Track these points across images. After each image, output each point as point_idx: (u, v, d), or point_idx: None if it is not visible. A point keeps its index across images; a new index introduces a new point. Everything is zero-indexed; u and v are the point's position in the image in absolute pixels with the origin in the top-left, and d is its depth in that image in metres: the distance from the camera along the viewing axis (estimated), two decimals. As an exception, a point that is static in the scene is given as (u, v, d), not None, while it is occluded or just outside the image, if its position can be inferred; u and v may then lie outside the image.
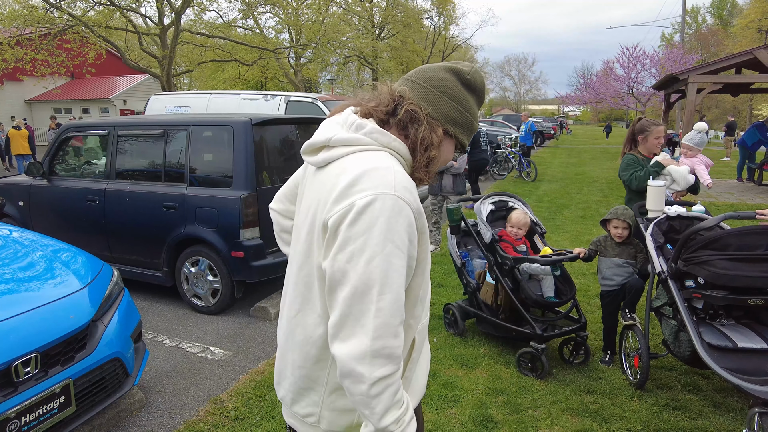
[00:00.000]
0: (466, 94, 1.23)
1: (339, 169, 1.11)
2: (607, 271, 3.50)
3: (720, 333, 2.72)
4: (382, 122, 1.19)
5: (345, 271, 1.02)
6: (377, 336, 1.00)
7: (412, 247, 1.06)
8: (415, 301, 1.18)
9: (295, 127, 5.07)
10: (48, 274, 2.76)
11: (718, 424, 2.86)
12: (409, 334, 1.19)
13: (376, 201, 1.01)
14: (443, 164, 1.24)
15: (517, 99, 77.15)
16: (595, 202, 9.87)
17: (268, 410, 3.04)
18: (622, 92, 25.33)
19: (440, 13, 36.59)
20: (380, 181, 1.04)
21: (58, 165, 5.35)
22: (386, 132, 1.17)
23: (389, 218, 1.01)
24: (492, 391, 3.21)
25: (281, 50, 24.58)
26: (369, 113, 1.20)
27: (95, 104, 26.73)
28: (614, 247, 3.51)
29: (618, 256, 3.48)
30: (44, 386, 2.30)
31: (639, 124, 3.99)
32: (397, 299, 1.02)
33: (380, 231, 1.00)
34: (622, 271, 3.46)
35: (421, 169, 1.17)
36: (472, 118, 1.24)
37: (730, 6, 56.24)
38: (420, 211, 1.09)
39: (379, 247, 1.00)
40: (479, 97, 1.26)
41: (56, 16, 16.62)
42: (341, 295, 1.02)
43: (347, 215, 1.02)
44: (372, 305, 1.00)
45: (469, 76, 1.23)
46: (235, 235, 4.27)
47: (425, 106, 1.18)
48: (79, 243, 4.57)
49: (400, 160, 1.17)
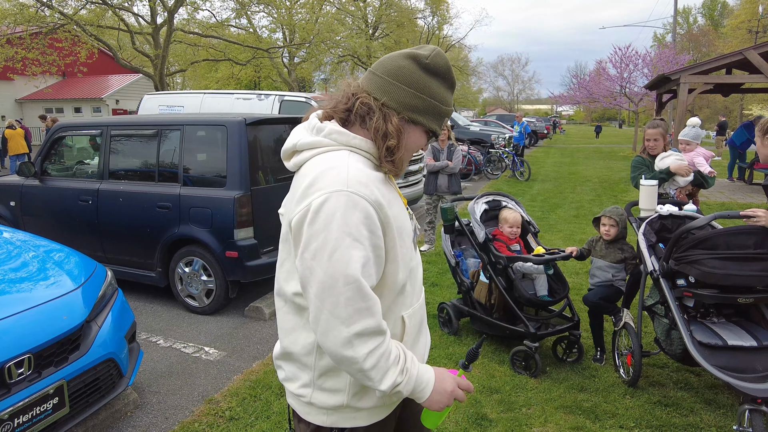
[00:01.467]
0: (428, 78, 1.20)
1: (304, 172, 1.18)
2: (592, 270, 3.61)
3: (710, 331, 2.75)
4: (343, 121, 1.22)
5: (312, 268, 1.09)
6: (352, 322, 1.08)
7: (374, 237, 1.11)
8: (394, 288, 1.21)
9: (289, 126, 5.06)
10: (41, 275, 2.75)
11: (708, 420, 2.89)
12: (395, 318, 1.25)
13: (330, 199, 1.07)
14: (409, 154, 1.24)
15: (511, 99, 77.32)
16: (588, 201, 9.92)
17: (263, 410, 3.05)
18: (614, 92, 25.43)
19: (434, 13, 36.63)
20: (333, 180, 1.09)
21: (50, 165, 5.32)
22: (344, 131, 1.20)
23: (344, 213, 1.07)
24: (486, 390, 3.23)
25: (275, 50, 24.56)
26: (329, 115, 1.24)
27: (87, 104, 26.52)
28: (603, 247, 3.56)
29: (603, 257, 3.53)
30: (38, 387, 2.29)
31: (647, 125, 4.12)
32: (362, 286, 1.08)
33: (337, 226, 1.06)
34: (600, 274, 3.54)
35: (385, 161, 1.19)
36: (437, 103, 1.21)
37: (721, 7, 56.71)
38: (380, 203, 1.12)
39: (339, 242, 1.06)
40: (445, 80, 1.23)
41: (47, 14, 16.49)
42: (312, 292, 1.10)
43: (306, 215, 1.10)
44: (341, 297, 1.07)
45: (428, 60, 1.19)
46: (229, 235, 4.26)
47: (380, 96, 1.19)
48: (72, 243, 4.54)
49: (364, 156, 1.20)
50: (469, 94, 55.30)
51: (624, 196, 10.23)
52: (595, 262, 3.58)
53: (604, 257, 3.53)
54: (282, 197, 1.31)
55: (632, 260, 3.48)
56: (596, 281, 3.57)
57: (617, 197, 10.19)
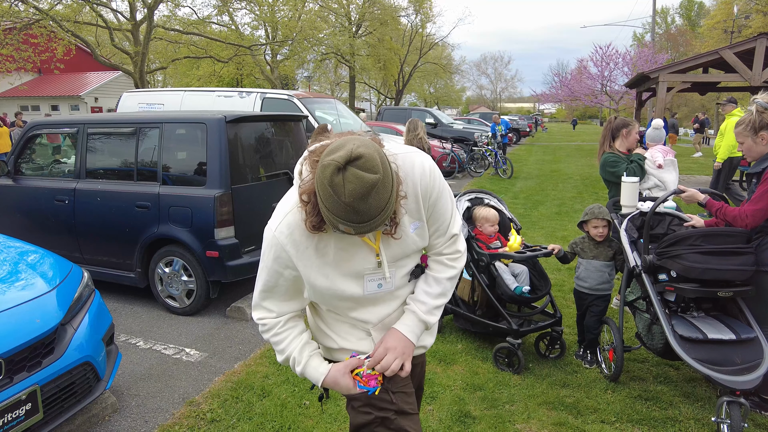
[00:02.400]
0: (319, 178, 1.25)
1: None
2: (584, 272, 3.49)
3: (690, 325, 2.79)
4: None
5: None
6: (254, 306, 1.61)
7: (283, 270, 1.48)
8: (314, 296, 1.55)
9: (270, 124, 5.01)
10: (12, 277, 2.66)
11: (687, 413, 2.94)
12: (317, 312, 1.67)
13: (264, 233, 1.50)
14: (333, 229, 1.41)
15: (494, 97, 77.83)
16: (570, 198, 10.03)
17: (244, 411, 3.00)
18: (595, 90, 25.78)
19: (417, 11, 36.55)
20: (272, 220, 1.48)
21: (24, 164, 5.18)
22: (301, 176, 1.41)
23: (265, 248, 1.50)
24: (469, 387, 3.23)
25: (257, 47, 24.31)
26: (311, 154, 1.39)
27: (65, 101, 25.95)
28: (592, 248, 3.48)
29: (596, 257, 3.46)
30: (9, 393, 2.22)
31: (618, 121, 4.10)
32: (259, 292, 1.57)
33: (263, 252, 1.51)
34: (597, 276, 3.44)
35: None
36: (323, 205, 1.26)
37: (698, 7, 57.82)
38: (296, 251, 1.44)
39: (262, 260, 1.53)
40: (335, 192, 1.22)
41: (21, 9, 16.08)
42: None
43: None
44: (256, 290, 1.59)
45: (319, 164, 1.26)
46: (209, 235, 4.19)
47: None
48: (48, 244, 4.44)
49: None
50: (453, 93, 55.53)
51: (605, 193, 10.33)
52: (588, 264, 3.46)
53: (597, 257, 3.45)
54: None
55: (620, 255, 3.48)
56: (593, 285, 3.43)
57: (598, 194, 10.31)
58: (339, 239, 1.44)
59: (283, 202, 1.49)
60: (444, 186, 1.52)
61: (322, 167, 1.22)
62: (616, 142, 4.11)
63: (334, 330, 1.62)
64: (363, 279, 1.47)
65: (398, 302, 1.60)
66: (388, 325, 1.58)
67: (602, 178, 4.24)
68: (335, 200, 1.21)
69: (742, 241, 2.77)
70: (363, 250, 1.46)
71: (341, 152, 1.20)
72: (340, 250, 1.45)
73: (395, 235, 1.43)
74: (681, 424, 2.84)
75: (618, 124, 4.11)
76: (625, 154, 4.06)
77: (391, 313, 1.58)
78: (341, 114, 9.80)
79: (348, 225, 1.24)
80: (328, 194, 1.22)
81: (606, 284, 3.45)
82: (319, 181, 1.23)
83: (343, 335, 1.61)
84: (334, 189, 1.20)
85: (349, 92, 36.38)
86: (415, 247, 1.52)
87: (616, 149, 4.09)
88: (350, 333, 1.60)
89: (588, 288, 3.47)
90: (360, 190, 1.19)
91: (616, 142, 4.11)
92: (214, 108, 8.92)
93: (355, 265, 1.46)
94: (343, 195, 1.19)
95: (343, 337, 1.61)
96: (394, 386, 1.56)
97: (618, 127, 4.10)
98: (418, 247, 1.54)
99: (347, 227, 1.25)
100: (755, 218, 2.72)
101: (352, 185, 1.18)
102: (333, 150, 1.23)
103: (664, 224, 3.28)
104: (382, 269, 1.47)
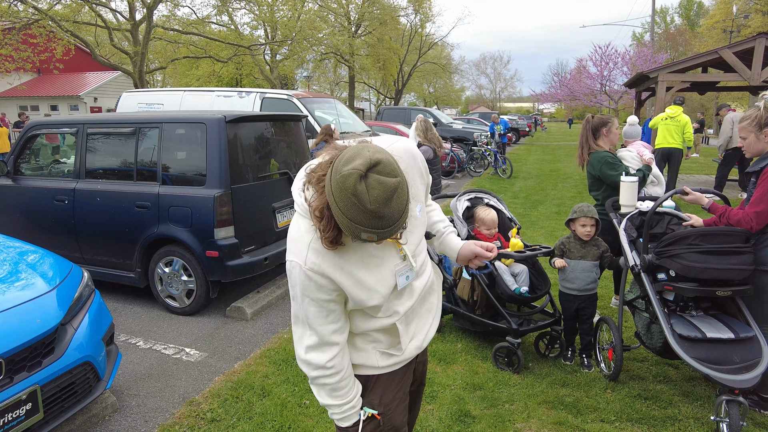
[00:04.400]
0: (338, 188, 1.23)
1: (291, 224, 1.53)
2: (570, 273, 3.43)
3: (690, 324, 2.80)
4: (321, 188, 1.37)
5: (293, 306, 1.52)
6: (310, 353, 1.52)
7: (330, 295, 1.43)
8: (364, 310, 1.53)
9: (270, 124, 5.01)
10: (13, 278, 2.66)
11: (687, 412, 2.94)
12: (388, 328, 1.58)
13: (292, 272, 1.44)
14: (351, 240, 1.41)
15: (493, 97, 77.81)
16: (570, 198, 10.03)
17: (244, 411, 3.01)
18: (595, 90, 25.79)
19: (416, 11, 36.50)
20: (297, 255, 1.42)
21: (24, 164, 5.18)
22: (305, 204, 1.39)
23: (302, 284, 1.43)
24: (469, 386, 3.24)
25: (256, 47, 24.28)
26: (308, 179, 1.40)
27: (64, 101, 25.95)
28: (579, 248, 3.44)
29: (583, 257, 3.42)
30: (9, 393, 2.22)
31: (596, 120, 4.04)
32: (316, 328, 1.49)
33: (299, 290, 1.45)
34: (584, 277, 3.40)
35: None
36: (344, 216, 1.24)
37: (697, 7, 57.82)
38: (333, 278, 1.41)
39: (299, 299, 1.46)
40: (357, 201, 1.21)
41: (21, 9, 16.06)
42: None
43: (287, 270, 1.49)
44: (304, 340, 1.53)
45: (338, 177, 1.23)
46: (209, 235, 4.20)
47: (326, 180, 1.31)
48: (48, 244, 4.45)
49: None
50: (452, 93, 55.52)
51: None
52: (576, 265, 3.41)
53: (585, 257, 3.42)
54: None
55: (607, 253, 3.47)
56: (581, 286, 3.40)
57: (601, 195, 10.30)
58: (366, 247, 1.44)
59: (295, 234, 1.44)
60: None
61: (342, 178, 1.19)
62: (599, 141, 4.02)
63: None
64: (395, 276, 1.50)
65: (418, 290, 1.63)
66: (410, 318, 1.62)
67: (589, 175, 4.13)
68: (358, 209, 1.20)
69: (741, 241, 2.77)
70: (389, 250, 1.49)
71: (360, 160, 1.19)
72: (370, 257, 1.45)
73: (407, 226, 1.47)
74: (680, 423, 2.85)
75: (596, 123, 4.02)
76: (612, 152, 4.03)
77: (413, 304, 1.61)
78: (341, 114, 9.80)
79: (371, 232, 1.24)
80: (350, 204, 1.20)
81: (593, 284, 3.43)
82: (339, 193, 1.21)
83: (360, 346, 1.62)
84: (358, 197, 1.19)
85: (349, 92, 36.35)
86: (423, 228, 1.60)
87: (602, 148, 4.04)
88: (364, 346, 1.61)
89: (576, 290, 3.42)
90: (384, 195, 1.19)
91: (599, 141, 4.02)
92: (213, 108, 8.92)
93: (386, 267, 1.49)
94: (367, 202, 1.19)
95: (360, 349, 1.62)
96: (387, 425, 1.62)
97: (597, 126, 4.01)
98: (425, 227, 1.63)
99: (370, 234, 1.25)
100: (759, 220, 2.71)
101: (376, 191, 1.19)
102: (349, 159, 1.21)
103: (663, 223, 3.29)
104: (407, 261, 1.52)
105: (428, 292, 1.69)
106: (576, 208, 3.48)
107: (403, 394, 1.67)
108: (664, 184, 4.38)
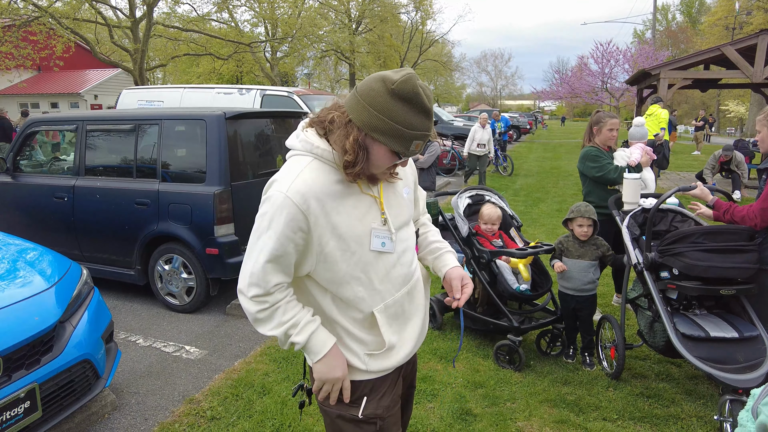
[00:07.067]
0: (393, 102, 1.26)
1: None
2: (568, 273, 3.39)
3: (693, 323, 2.78)
4: (323, 130, 1.40)
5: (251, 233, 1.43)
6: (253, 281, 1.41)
7: (294, 235, 1.36)
8: (337, 280, 1.44)
9: (270, 121, 4.99)
10: (11, 275, 2.65)
11: (689, 410, 2.92)
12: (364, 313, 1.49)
13: (271, 197, 1.36)
14: (377, 169, 1.38)
15: (494, 94, 77.65)
16: (571, 195, 10.01)
17: (244, 409, 2.99)
18: (596, 87, 25.73)
19: (417, 8, 36.41)
20: (281, 184, 1.37)
21: (23, 161, 5.16)
22: (310, 140, 1.40)
23: (274, 212, 1.35)
24: (470, 385, 3.22)
25: (257, 44, 24.25)
26: (311, 123, 1.44)
27: (64, 99, 25.87)
28: (577, 247, 3.40)
29: (581, 257, 3.38)
30: (7, 391, 2.21)
31: (595, 116, 4.03)
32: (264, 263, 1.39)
33: (268, 218, 1.37)
34: (582, 276, 3.35)
35: (345, 171, 1.37)
36: (399, 126, 1.27)
37: (699, 4, 57.64)
38: (310, 211, 1.34)
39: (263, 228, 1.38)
40: (413, 105, 1.27)
41: (21, 6, 16.03)
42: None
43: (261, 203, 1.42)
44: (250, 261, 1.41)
45: (395, 86, 1.26)
46: (209, 232, 4.18)
47: (350, 113, 1.33)
48: (47, 242, 4.43)
49: (327, 163, 1.39)
50: (453, 90, 55.41)
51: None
52: (573, 264, 3.36)
53: (582, 257, 3.37)
54: (263, 192, 1.44)
55: (609, 252, 3.44)
56: (578, 285, 3.36)
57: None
58: (349, 196, 1.42)
59: (289, 167, 1.40)
60: None
61: (401, 83, 1.25)
62: (595, 138, 3.99)
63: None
64: (370, 235, 1.46)
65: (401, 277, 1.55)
66: (394, 313, 1.53)
67: (579, 171, 4.12)
68: (418, 110, 1.27)
69: (745, 239, 2.75)
70: (372, 208, 1.47)
71: (400, 73, 1.27)
72: (352, 208, 1.42)
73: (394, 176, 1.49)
74: (683, 421, 2.83)
75: (592, 119, 4.02)
76: (605, 150, 4.00)
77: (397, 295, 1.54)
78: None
79: (422, 136, 1.30)
80: (406, 109, 1.26)
81: (591, 284, 3.38)
82: (394, 103, 1.26)
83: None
84: (419, 97, 1.26)
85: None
86: (408, 212, 1.59)
87: (597, 145, 3.99)
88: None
89: (573, 289, 3.38)
90: (430, 93, 1.30)
91: (595, 138, 3.99)
92: (213, 105, 8.88)
93: (365, 222, 1.44)
94: (426, 100, 1.28)
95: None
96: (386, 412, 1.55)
97: (593, 122, 4.01)
98: (410, 211, 1.61)
99: (418, 142, 1.31)
100: (765, 217, 2.66)
101: (427, 90, 1.29)
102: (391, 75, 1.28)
103: (667, 221, 3.26)
104: (387, 225, 1.50)
105: (415, 289, 1.62)
106: (573, 208, 3.45)
107: (397, 398, 1.63)
108: (653, 189, 4.25)
